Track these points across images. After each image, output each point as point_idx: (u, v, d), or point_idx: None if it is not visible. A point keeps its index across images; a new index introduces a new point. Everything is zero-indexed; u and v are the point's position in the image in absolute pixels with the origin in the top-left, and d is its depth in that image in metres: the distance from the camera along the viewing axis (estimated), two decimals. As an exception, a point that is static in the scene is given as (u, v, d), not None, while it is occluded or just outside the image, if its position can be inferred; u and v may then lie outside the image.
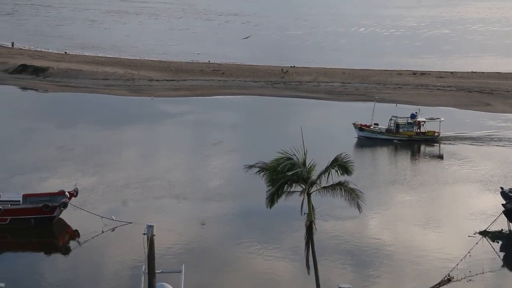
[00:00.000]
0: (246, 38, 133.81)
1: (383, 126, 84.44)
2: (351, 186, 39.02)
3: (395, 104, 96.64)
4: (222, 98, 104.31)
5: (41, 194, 59.59)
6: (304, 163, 38.93)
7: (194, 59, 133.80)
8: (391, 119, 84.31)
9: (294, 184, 39.24)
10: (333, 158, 39.32)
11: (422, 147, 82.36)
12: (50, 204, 57.28)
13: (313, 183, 39.06)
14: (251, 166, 40.71)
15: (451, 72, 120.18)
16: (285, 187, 39.16)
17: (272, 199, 39.03)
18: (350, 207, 39.58)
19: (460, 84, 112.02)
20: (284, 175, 38.63)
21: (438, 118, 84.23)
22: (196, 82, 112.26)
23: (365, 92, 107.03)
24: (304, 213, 39.03)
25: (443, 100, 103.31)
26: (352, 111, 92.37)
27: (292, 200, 39.93)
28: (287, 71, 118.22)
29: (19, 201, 57.99)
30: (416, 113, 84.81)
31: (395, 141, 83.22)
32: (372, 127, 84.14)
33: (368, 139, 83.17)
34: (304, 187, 38.86)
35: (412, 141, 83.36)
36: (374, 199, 61.00)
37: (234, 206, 62.40)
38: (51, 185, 63.00)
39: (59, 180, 65.40)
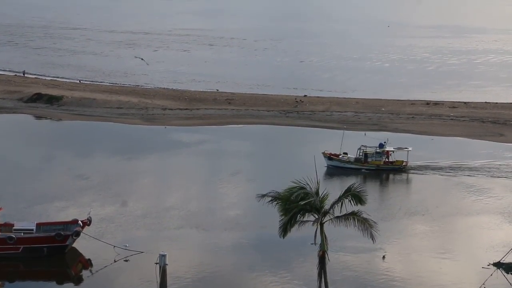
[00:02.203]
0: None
1: (352, 155, 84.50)
2: (364, 216, 38.92)
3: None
4: (236, 127, 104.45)
5: (55, 223, 59.66)
6: (317, 193, 38.91)
7: (206, 87, 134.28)
8: (360, 149, 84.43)
9: (307, 214, 39.19)
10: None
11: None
12: (62, 233, 57.33)
13: (326, 213, 39.03)
14: (263, 196, 40.73)
15: (465, 102, 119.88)
16: (298, 217, 39.12)
17: (285, 229, 39.01)
18: (363, 237, 39.44)
19: (474, 114, 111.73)
20: (297, 205, 38.62)
21: (406, 148, 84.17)
22: (210, 111, 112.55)
23: (378, 122, 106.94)
24: (317, 243, 38.93)
25: (456, 130, 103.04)
26: (365, 140, 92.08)
27: (305, 229, 39.84)
28: (302, 101, 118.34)
29: (32, 230, 58.08)
30: (384, 142, 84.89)
31: (363, 170, 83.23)
32: (341, 156, 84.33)
33: (337, 168, 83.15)
34: (317, 216, 38.80)
35: (380, 170, 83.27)
36: (387, 229, 60.67)
37: (248, 235, 62.21)
38: (67, 214, 63.09)
39: (75, 209, 65.49)
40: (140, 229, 63.02)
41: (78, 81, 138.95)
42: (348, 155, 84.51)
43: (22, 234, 57.51)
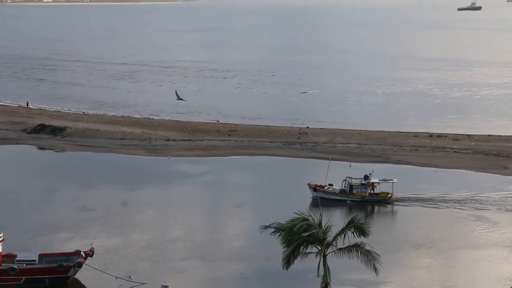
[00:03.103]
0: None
1: (337, 187, 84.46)
2: (367, 248, 38.80)
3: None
4: (239, 158, 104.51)
5: (57, 254, 59.63)
6: (320, 224, 38.86)
7: (208, 118, 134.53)
8: (345, 180, 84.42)
9: (309, 245, 39.09)
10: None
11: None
12: (65, 264, 57.23)
13: (329, 245, 38.95)
14: (266, 227, 40.68)
15: (468, 135, 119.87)
16: (301, 248, 39.02)
17: (288, 261, 38.94)
18: (366, 270, 39.30)
19: (477, 147, 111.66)
20: (300, 236, 38.54)
21: (391, 180, 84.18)
22: (213, 142, 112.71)
23: (381, 153, 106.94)
24: (320, 275, 38.79)
25: (459, 162, 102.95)
26: (367, 172, 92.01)
27: (308, 261, 39.70)
28: (306, 132, 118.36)
29: (35, 260, 58.02)
30: (369, 174, 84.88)
31: (348, 202, 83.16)
32: (326, 187, 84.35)
33: (323, 199, 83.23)
34: (320, 248, 38.69)
35: (365, 202, 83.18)
36: (390, 262, 60.42)
37: (251, 267, 62.03)
38: (71, 245, 62.97)
39: (79, 240, 65.41)
40: (144, 261, 62.93)
41: (82, 112, 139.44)
42: (334, 187, 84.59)
43: (24, 265, 57.40)
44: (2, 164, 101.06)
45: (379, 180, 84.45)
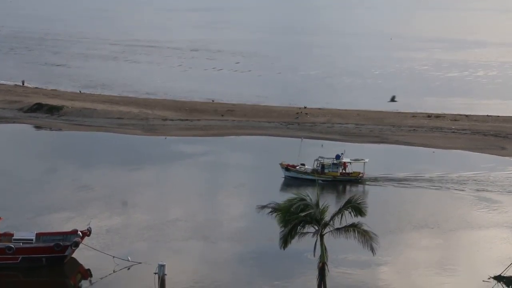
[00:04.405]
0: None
1: (309, 166, 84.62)
2: (365, 228, 38.72)
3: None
4: (236, 138, 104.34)
5: (54, 233, 59.55)
6: (317, 204, 38.75)
7: (206, 97, 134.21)
8: (317, 160, 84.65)
9: (307, 225, 39.02)
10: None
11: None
12: (61, 243, 57.19)
13: (326, 224, 38.86)
14: (263, 207, 40.59)
15: (466, 115, 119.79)
16: (298, 228, 38.94)
17: (285, 240, 38.86)
18: (363, 250, 39.25)
19: (475, 127, 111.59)
20: (297, 216, 38.44)
21: (362, 159, 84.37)
22: (210, 122, 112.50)
23: (379, 134, 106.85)
24: (317, 255, 38.74)
25: (457, 143, 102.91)
26: (365, 152, 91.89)
27: (305, 242, 39.65)
28: (306, 113, 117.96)
29: (32, 240, 57.93)
30: (341, 154, 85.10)
31: (319, 181, 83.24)
32: (298, 167, 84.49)
33: (294, 179, 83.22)
34: (317, 228, 38.62)
35: (337, 181, 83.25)
36: (387, 242, 60.42)
37: (248, 247, 62.05)
38: (71, 225, 62.48)
39: (79, 220, 64.98)
40: (142, 241, 62.91)
41: (78, 91, 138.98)
42: (306, 166, 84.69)
43: (21, 244, 57.35)
44: (0, 144, 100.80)
45: (350, 160, 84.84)
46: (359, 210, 39.02)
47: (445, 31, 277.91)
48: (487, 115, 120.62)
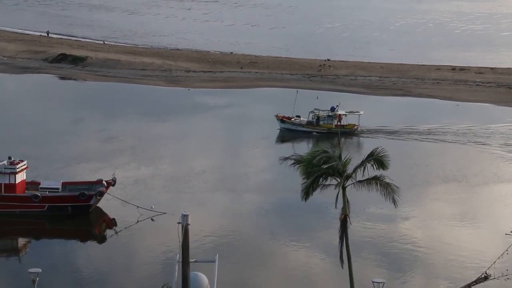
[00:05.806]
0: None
1: (304, 118, 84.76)
2: (387, 180, 38.79)
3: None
4: (259, 90, 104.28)
5: (80, 183, 60.33)
6: (339, 157, 38.80)
7: (228, 49, 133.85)
8: (312, 112, 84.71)
9: (329, 178, 39.15)
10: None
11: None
12: (86, 193, 57.93)
13: (348, 177, 38.92)
14: (286, 158, 40.71)
15: (491, 68, 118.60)
16: (320, 180, 39.08)
17: (307, 192, 38.98)
18: (385, 202, 39.46)
19: (500, 80, 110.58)
20: (320, 168, 38.51)
21: (357, 112, 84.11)
22: (233, 74, 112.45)
23: (402, 87, 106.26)
24: (338, 207, 38.93)
25: (482, 96, 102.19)
26: (387, 105, 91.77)
27: (327, 194, 39.90)
28: (329, 65, 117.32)
29: (58, 188, 58.77)
30: (336, 106, 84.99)
31: (314, 133, 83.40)
32: (293, 119, 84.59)
33: (289, 131, 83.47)
34: (339, 180, 38.76)
35: (332, 133, 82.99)
36: (413, 195, 60.64)
37: (271, 199, 62.52)
38: (98, 176, 63.02)
39: (107, 170, 65.28)
40: (167, 192, 63.57)
41: (102, 42, 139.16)
42: (301, 118, 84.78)
43: (47, 192, 58.23)
44: (27, 93, 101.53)
45: (345, 112, 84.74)
46: (381, 163, 38.98)
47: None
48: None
